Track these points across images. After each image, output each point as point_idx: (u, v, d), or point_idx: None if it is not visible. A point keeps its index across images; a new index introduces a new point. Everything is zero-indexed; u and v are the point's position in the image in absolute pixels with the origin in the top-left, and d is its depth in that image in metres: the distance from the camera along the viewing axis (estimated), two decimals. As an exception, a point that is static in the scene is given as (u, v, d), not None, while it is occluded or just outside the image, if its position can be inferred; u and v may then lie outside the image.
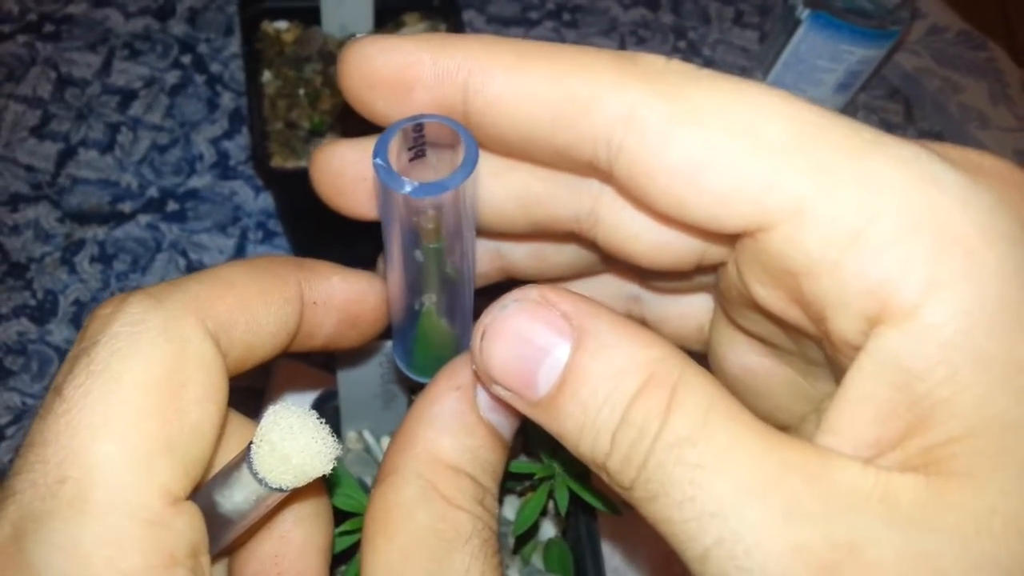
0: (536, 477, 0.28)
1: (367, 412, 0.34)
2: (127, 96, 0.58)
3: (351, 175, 0.24)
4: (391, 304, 0.25)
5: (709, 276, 0.24)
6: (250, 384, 0.42)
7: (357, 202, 0.24)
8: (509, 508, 0.33)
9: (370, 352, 0.31)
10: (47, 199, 0.53)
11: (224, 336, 0.21)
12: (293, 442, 0.19)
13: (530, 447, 0.30)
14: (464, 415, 0.22)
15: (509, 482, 0.31)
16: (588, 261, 0.26)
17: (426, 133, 0.21)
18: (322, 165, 0.24)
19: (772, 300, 0.19)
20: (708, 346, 0.26)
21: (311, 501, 0.23)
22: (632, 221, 0.21)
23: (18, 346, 0.48)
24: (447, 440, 0.22)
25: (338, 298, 0.24)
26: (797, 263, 0.17)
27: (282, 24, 0.53)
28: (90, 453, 0.18)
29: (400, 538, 0.21)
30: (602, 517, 0.31)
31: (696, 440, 0.17)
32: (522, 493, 0.33)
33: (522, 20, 0.66)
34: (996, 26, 0.72)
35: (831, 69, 0.57)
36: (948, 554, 0.15)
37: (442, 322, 0.25)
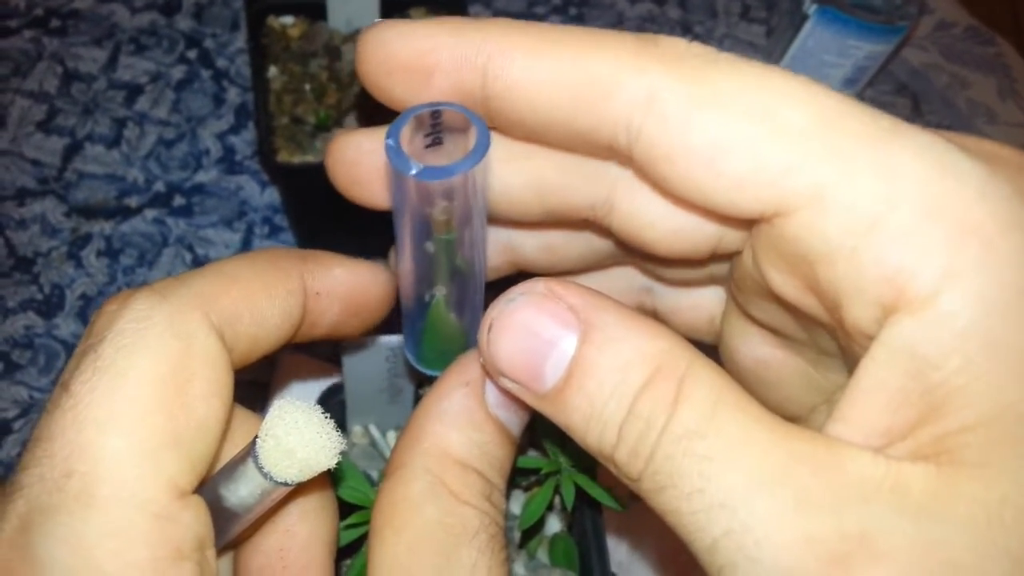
0: (542, 472, 0.28)
1: (373, 406, 0.34)
2: (133, 91, 0.58)
3: (367, 164, 0.23)
4: (402, 295, 0.25)
5: (722, 267, 0.24)
6: (254, 378, 0.43)
7: (372, 192, 0.24)
8: (515, 503, 0.33)
9: (376, 346, 0.31)
10: (54, 193, 0.53)
11: (229, 330, 0.21)
12: (298, 436, 0.20)
13: (538, 442, 0.30)
14: (473, 411, 0.22)
15: (515, 477, 0.31)
16: (599, 254, 0.26)
17: (444, 120, 0.20)
18: (338, 155, 0.24)
19: (787, 287, 0.19)
20: (719, 338, 0.26)
21: (316, 495, 0.23)
22: (648, 208, 0.21)
23: (25, 340, 0.48)
24: (455, 436, 0.22)
25: (341, 288, 0.24)
26: (814, 249, 0.17)
27: (288, 19, 0.53)
28: (97, 447, 0.18)
29: (408, 532, 0.21)
30: (607, 511, 0.31)
31: (704, 432, 0.17)
32: (528, 488, 0.33)
33: (528, 15, 0.66)
34: (1004, 22, 0.72)
35: (838, 64, 0.57)
36: (959, 544, 0.15)
37: (451, 315, 0.25)
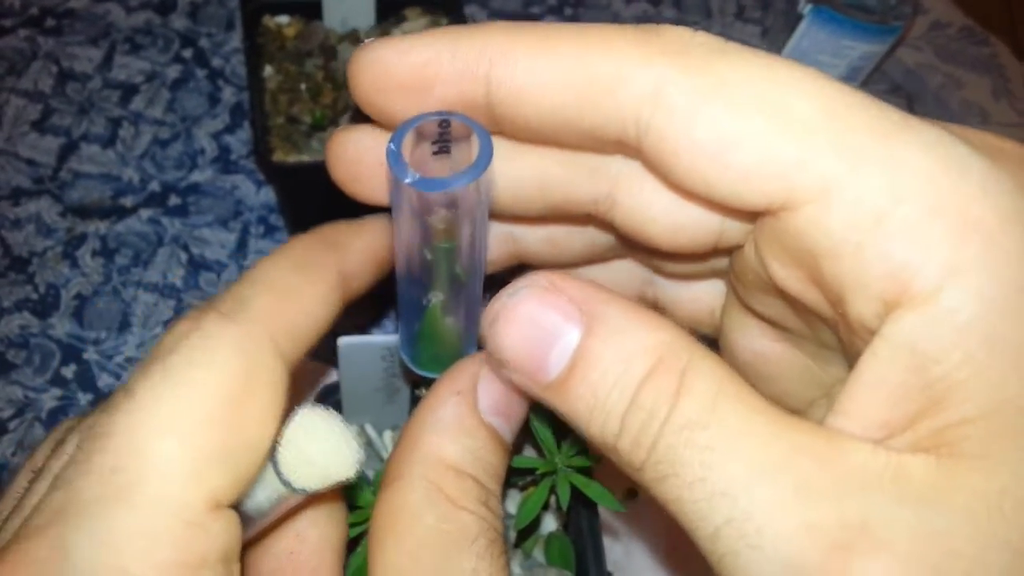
0: (538, 472, 0.28)
1: (370, 406, 0.34)
2: (128, 90, 0.58)
3: (368, 161, 0.23)
4: (399, 297, 0.25)
5: (722, 261, 0.24)
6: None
7: (372, 189, 0.24)
8: (511, 502, 0.33)
9: (372, 346, 0.31)
10: (49, 193, 0.53)
11: (287, 344, 0.22)
12: (319, 445, 0.20)
13: (534, 441, 0.30)
14: (466, 418, 0.23)
15: (512, 477, 0.31)
16: (601, 247, 0.26)
17: (452, 129, 0.20)
18: (338, 151, 0.24)
19: (790, 281, 0.19)
20: (720, 331, 0.26)
21: (328, 501, 0.24)
22: (651, 203, 0.21)
23: (20, 340, 0.48)
24: (450, 443, 0.22)
25: (368, 260, 0.25)
26: (819, 244, 0.17)
27: (283, 19, 0.53)
28: (150, 449, 0.19)
29: (407, 540, 0.21)
30: (603, 510, 0.31)
31: (706, 423, 0.17)
32: (524, 488, 0.33)
33: (524, 15, 0.66)
34: (999, 22, 0.72)
35: (833, 64, 0.57)
36: (960, 534, 0.15)
37: (448, 320, 0.25)
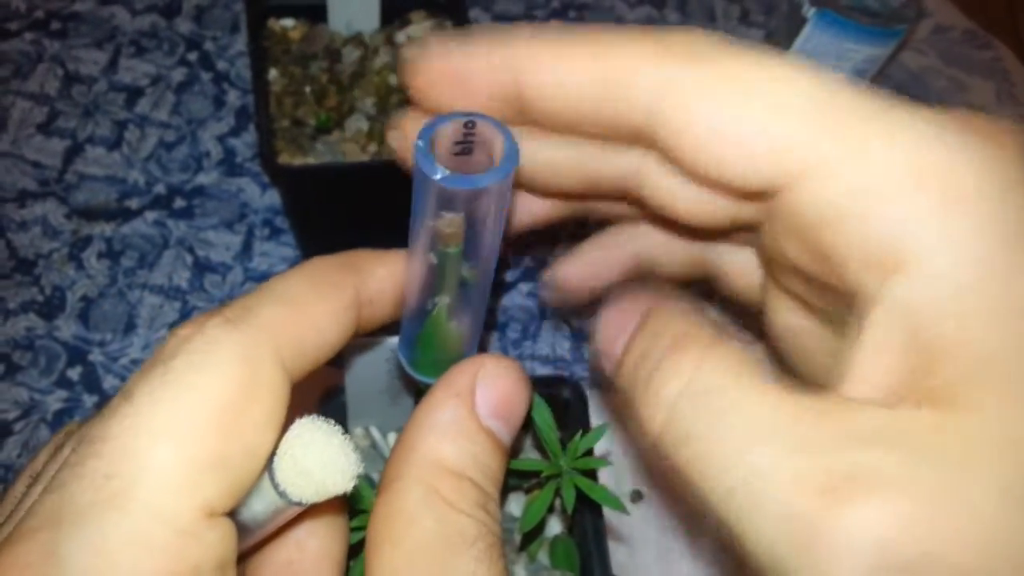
0: (543, 475, 0.29)
1: (374, 408, 0.34)
2: (134, 93, 0.59)
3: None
4: (404, 299, 0.25)
5: (753, 234, 0.24)
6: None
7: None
8: (515, 505, 0.33)
9: (378, 347, 0.31)
10: (54, 196, 0.54)
11: (293, 356, 0.21)
12: (317, 457, 0.19)
13: (539, 444, 0.30)
14: (464, 421, 0.23)
15: (516, 479, 0.31)
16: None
17: (477, 132, 0.21)
18: (401, 133, 0.26)
19: (802, 258, 0.21)
20: (763, 306, 0.27)
21: (329, 510, 0.23)
22: (670, 184, 0.23)
23: (26, 341, 0.48)
24: (448, 446, 0.22)
25: (389, 289, 0.25)
26: (817, 219, 0.19)
27: (288, 22, 0.53)
28: (145, 456, 0.19)
29: (405, 544, 0.21)
30: (608, 513, 0.31)
31: (723, 389, 0.19)
32: (529, 490, 0.33)
33: (527, 17, 0.66)
34: (1002, 25, 0.72)
35: (837, 68, 0.57)
36: (951, 478, 0.16)
37: (451, 325, 0.25)
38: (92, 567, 0.18)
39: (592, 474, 0.29)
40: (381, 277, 0.25)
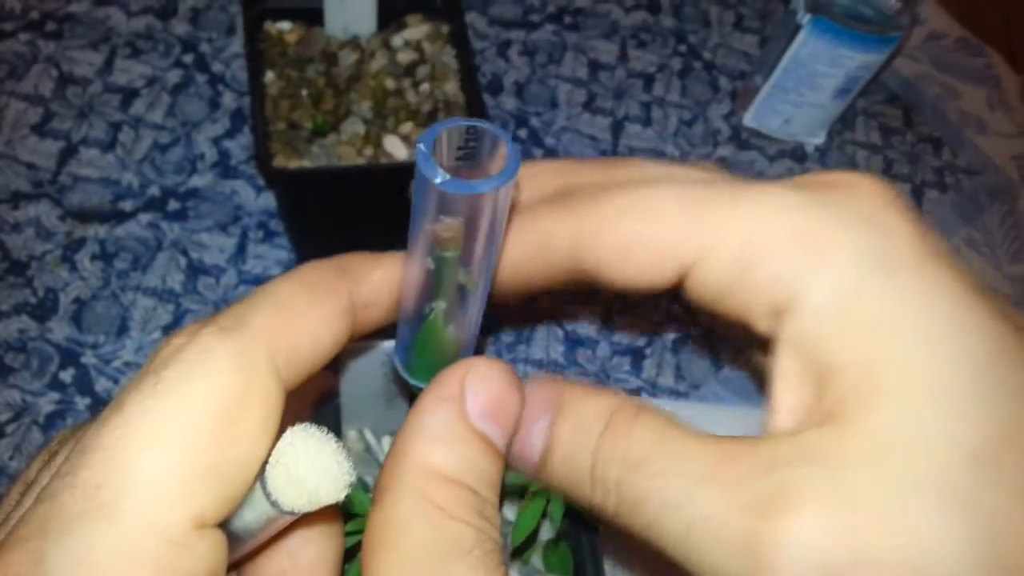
0: (531, 490, 0.28)
1: (369, 411, 0.34)
2: (129, 95, 0.58)
3: None
4: (401, 302, 0.25)
5: None
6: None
7: None
8: (509, 510, 0.33)
9: (372, 350, 0.31)
10: (48, 197, 0.53)
11: (287, 363, 0.21)
12: (309, 466, 0.19)
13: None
14: (455, 425, 0.22)
15: (510, 486, 0.31)
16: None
17: (479, 139, 0.21)
18: None
19: (732, 317, 0.23)
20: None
21: (323, 518, 0.23)
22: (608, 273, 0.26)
23: (18, 343, 0.48)
24: (439, 451, 0.22)
25: (384, 292, 0.25)
26: (716, 290, 0.23)
27: (285, 25, 0.53)
28: (135, 466, 0.18)
29: (397, 553, 0.21)
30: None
31: (656, 457, 0.21)
32: (523, 495, 0.33)
33: (524, 23, 0.66)
34: (995, 33, 0.73)
35: (831, 74, 0.57)
36: (852, 480, 0.19)
37: (447, 331, 0.25)
38: None
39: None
40: (376, 281, 0.25)
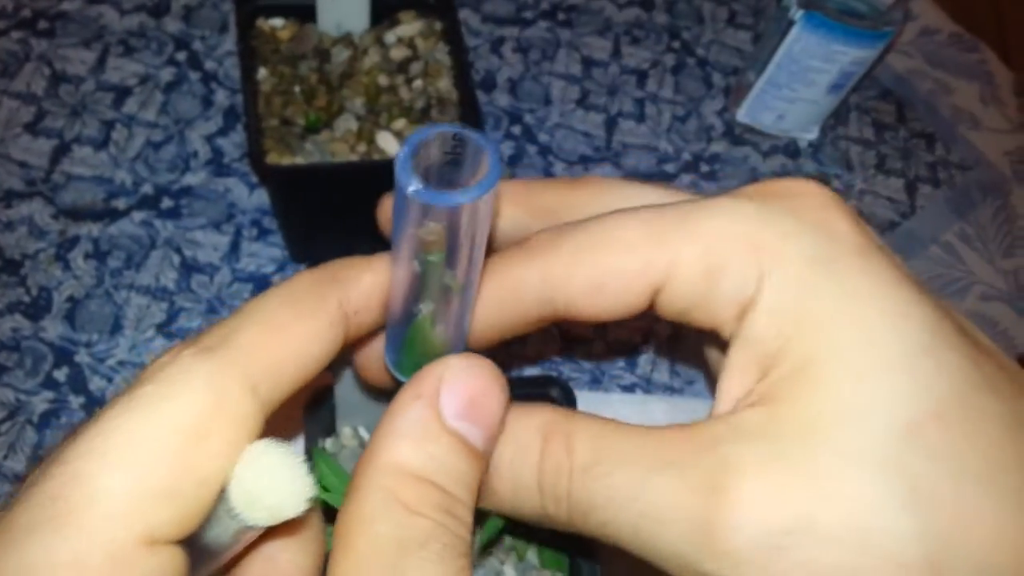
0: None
1: (363, 408, 0.34)
2: (121, 93, 0.58)
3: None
4: (390, 301, 0.25)
5: None
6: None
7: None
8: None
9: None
10: (41, 196, 0.53)
11: (271, 381, 0.22)
12: (268, 481, 0.20)
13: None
14: (427, 423, 0.22)
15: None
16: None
17: (464, 145, 0.21)
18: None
19: (703, 328, 0.25)
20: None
21: (302, 523, 0.23)
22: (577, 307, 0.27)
23: (12, 342, 0.48)
24: (408, 449, 0.22)
25: (375, 296, 0.25)
26: (685, 304, 0.24)
27: (277, 21, 0.53)
28: (93, 481, 0.19)
29: (356, 549, 0.21)
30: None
31: (599, 459, 0.22)
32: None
33: (517, 19, 0.66)
34: (987, 29, 0.73)
35: (824, 70, 0.57)
36: (786, 453, 0.20)
37: (435, 331, 0.25)
38: None
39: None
40: (367, 285, 0.25)
